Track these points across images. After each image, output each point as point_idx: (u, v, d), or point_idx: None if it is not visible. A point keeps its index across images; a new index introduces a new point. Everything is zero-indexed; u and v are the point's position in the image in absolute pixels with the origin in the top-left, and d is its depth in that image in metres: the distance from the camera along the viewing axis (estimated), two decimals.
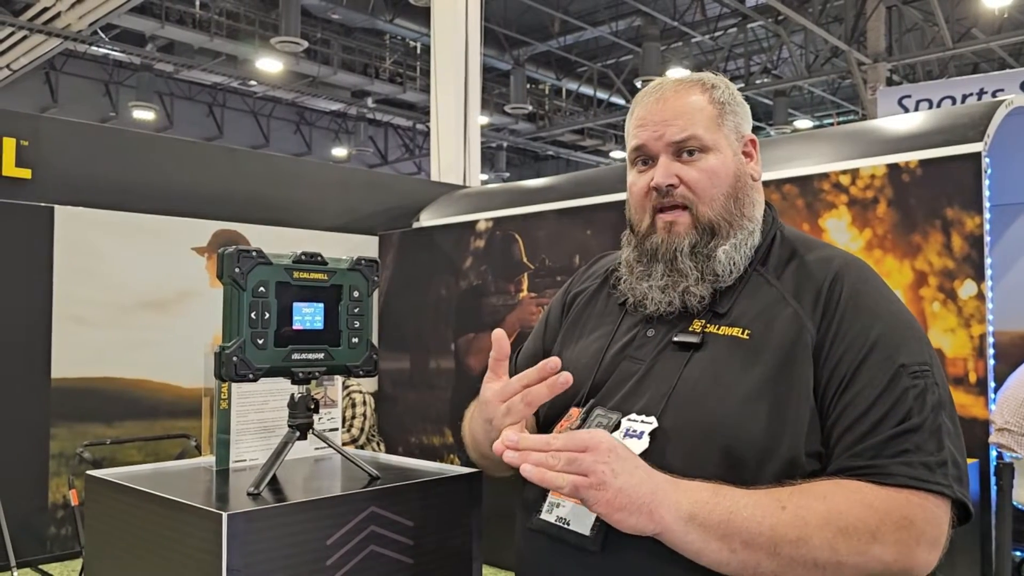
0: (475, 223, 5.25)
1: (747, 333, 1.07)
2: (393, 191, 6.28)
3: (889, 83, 12.19)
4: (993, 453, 3.16)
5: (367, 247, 5.66)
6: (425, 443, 5.39)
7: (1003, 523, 3.05)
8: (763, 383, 1.02)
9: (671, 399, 1.04)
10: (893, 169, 3.44)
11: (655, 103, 1.16)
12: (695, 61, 15.28)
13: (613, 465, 0.92)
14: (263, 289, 1.09)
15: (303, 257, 1.14)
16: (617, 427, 1.07)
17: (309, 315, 1.15)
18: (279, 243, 4.62)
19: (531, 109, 16.00)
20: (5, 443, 4.12)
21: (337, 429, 1.40)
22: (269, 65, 13.67)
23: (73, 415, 4.36)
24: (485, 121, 15.20)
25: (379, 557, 1.10)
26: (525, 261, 4.92)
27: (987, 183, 3.22)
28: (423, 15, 9.93)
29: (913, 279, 3.33)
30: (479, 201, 5.72)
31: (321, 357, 1.15)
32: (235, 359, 1.07)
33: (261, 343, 1.09)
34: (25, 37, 11.10)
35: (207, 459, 1.31)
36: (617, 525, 0.93)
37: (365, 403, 4.77)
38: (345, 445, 4.55)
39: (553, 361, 1.04)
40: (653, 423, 1.04)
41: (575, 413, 1.13)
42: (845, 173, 3.59)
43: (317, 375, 1.15)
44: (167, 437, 4.52)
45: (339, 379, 1.39)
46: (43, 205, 4.36)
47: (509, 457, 0.94)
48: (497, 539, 1.72)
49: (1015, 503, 3.13)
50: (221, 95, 17.02)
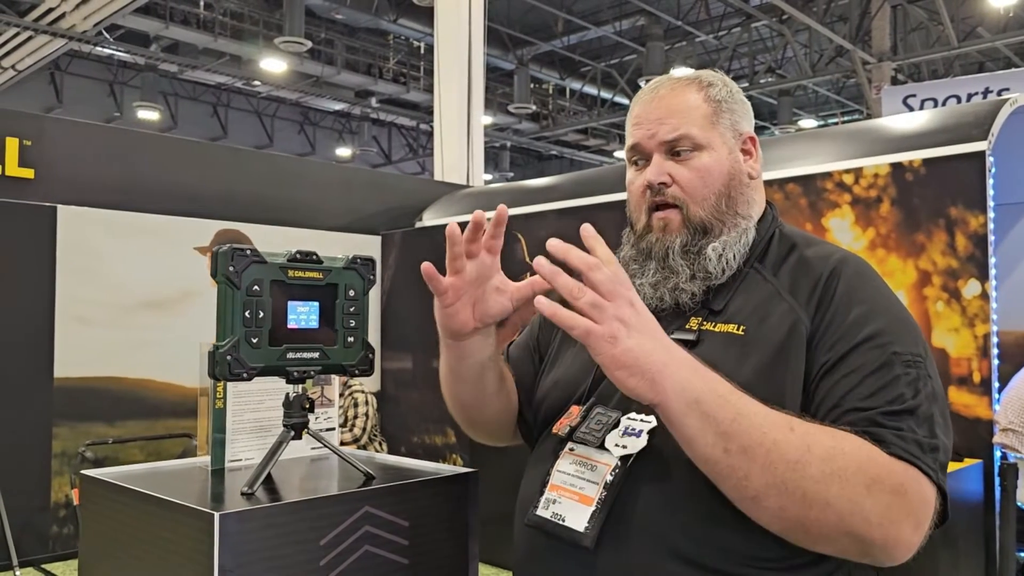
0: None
1: (742, 329, 1.06)
2: (395, 191, 6.28)
3: (894, 82, 12.15)
4: (997, 454, 3.15)
5: (370, 247, 5.66)
6: (428, 443, 5.39)
7: (1007, 524, 3.04)
8: (757, 377, 1.01)
9: None
10: (897, 168, 3.42)
11: (650, 102, 1.17)
12: (699, 61, 15.24)
13: (633, 322, 0.89)
14: (257, 288, 1.09)
15: (298, 256, 1.14)
16: (616, 425, 1.06)
17: (304, 314, 1.14)
18: (281, 243, 4.63)
19: (535, 109, 15.99)
20: (8, 442, 4.13)
21: (334, 429, 1.39)
22: (273, 65, 13.68)
23: (75, 414, 4.37)
24: (489, 121, 15.19)
25: (374, 557, 1.10)
26: (527, 260, 4.92)
27: (991, 182, 3.21)
28: (427, 15, 9.92)
29: (917, 278, 3.32)
30: (481, 200, 5.72)
31: (316, 356, 1.15)
32: (229, 358, 1.06)
33: (255, 342, 1.08)
34: (30, 38, 11.13)
35: (203, 459, 1.30)
36: (618, 384, 0.91)
37: (367, 403, 4.76)
38: (347, 445, 4.50)
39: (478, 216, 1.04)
40: (652, 422, 1.03)
41: (575, 411, 1.13)
42: (848, 172, 3.58)
43: (312, 374, 1.15)
44: (169, 436, 4.53)
45: (336, 378, 1.38)
46: (46, 205, 4.37)
47: (539, 263, 0.90)
48: (496, 538, 1.71)
49: (1019, 503, 3.11)
50: (225, 95, 17.04)
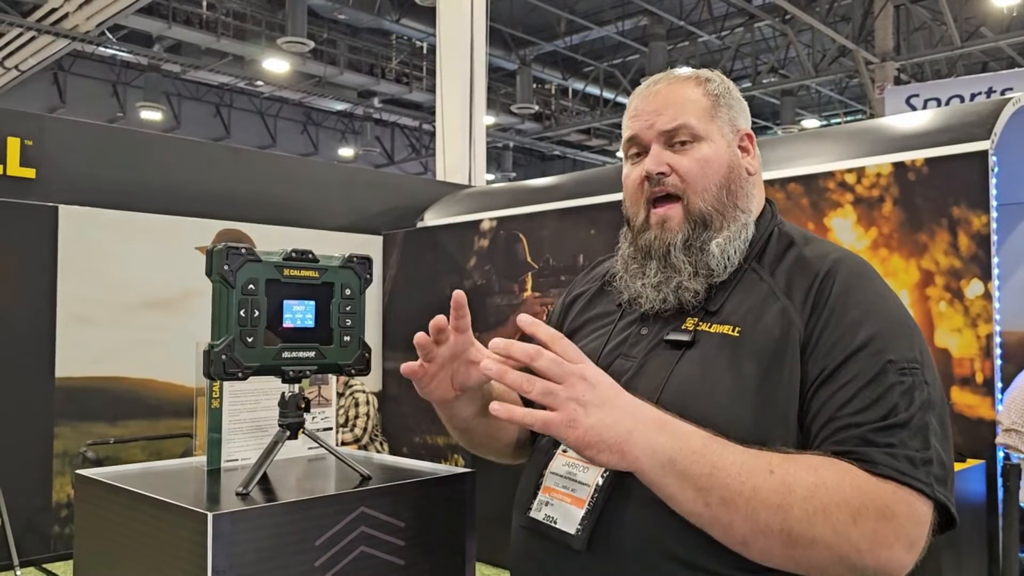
0: (479, 223, 5.24)
1: (737, 330, 1.05)
2: (397, 191, 6.28)
3: (897, 82, 12.13)
4: (1000, 454, 3.13)
5: (371, 247, 5.65)
6: (429, 443, 5.38)
7: (1010, 525, 3.03)
8: (751, 380, 1.00)
9: (660, 398, 1.03)
10: (899, 168, 3.41)
11: (648, 96, 1.16)
12: (701, 60, 15.22)
13: (588, 399, 0.88)
14: (253, 287, 1.08)
15: (293, 254, 1.13)
16: None
17: (300, 313, 1.13)
18: (283, 243, 4.60)
19: (537, 109, 15.97)
20: (9, 442, 4.13)
21: (331, 428, 1.39)
22: (276, 65, 13.69)
23: (77, 414, 4.37)
24: (491, 121, 15.19)
25: (370, 558, 1.09)
26: (529, 260, 4.91)
27: (994, 182, 3.19)
28: (429, 15, 9.93)
29: (919, 278, 3.30)
30: (483, 201, 5.71)
31: (312, 355, 1.14)
32: (224, 357, 1.05)
33: (251, 341, 1.08)
34: (33, 38, 11.14)
35: (199, 458, 1.30)
36: (590, 461, 0.91)
37: (368, 403, 4.76)
38: (348, 445, 4.49)
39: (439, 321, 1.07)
40: None
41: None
42: (851, 172, 3.57)
43: (308, 374, 1.14)
44: (170, 436, 4.53)
45: (333, 378, 1.38)
46: (47, 205, 4.37)
47: (486, 367, 0.90)
48: (496, 538, 1.70)
49: (1022, 504, 3.10)
50: (228, 95, 17.06)
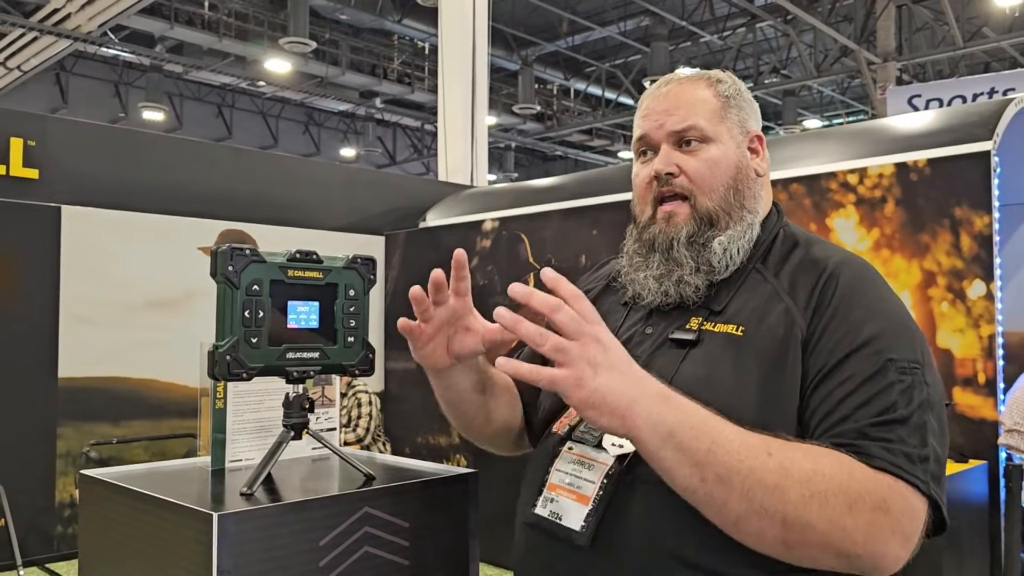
0: (481, 223, 5.24)
1: (741, 330, 1.06)
2: (399, 191, 6.28)
3: (899, 82, 12.12)
4: (1002, 455, 3.13)
5: (373, 247, 5.66)
6: (432, 443, 5.38)
7: (1012, 525, 3.03)
8: (754, 379, 1.01)
9: None
10: (901, 168, 3.41)
11: (660, 95, 1.17)
12: (703, 61, 15.23)
13: (599, 360, 0.88)
14: (257, 287, 1.08)
15: (297, 255, 1.13)
16: None
17: (304, 314, 1.14)
18: (285, 243, 4.61)
19: (539, 109, 15.98)
20: (12, 442, 4.13)
21: (335, 429, 1.39)
22: (278, 66, 13.71)
23: (80, 414, 4.37)
24: (493, 121, 15.20)
25: (374, 558, 1.09)
26: (531, 261, 4.91)
27: (996, 182, 3.19)
28: (431, 15, 9.93)
29: (921, 279, 3.30)
30: (485, 201, 5.72)
31: (316, 356, 1.14)
32: (228, 358, 1.06)
33: (255, 342, 1.08)
34: (35, 38, 11.16)
35: (203, 459, 1.30)
36: (589, 422, 0.91)
37: (371, 403, 4.76)
38: (350, 445, 4.49)
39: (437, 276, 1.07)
40: None
41: (575, 410, 1.12)
42: (853, 172, 3.56)
43: (312, 374, 1.14)
44: (173, 436, 4.53)
45: (337, 378, 1.38)
46: (50, 205, 4.37)
47: (499, 314, 0.89)
48: (499, 539, 1.70)
49: None
50: (230, 96, 17.08)
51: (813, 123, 17.55)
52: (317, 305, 1.15)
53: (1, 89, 12.78)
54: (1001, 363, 3.14)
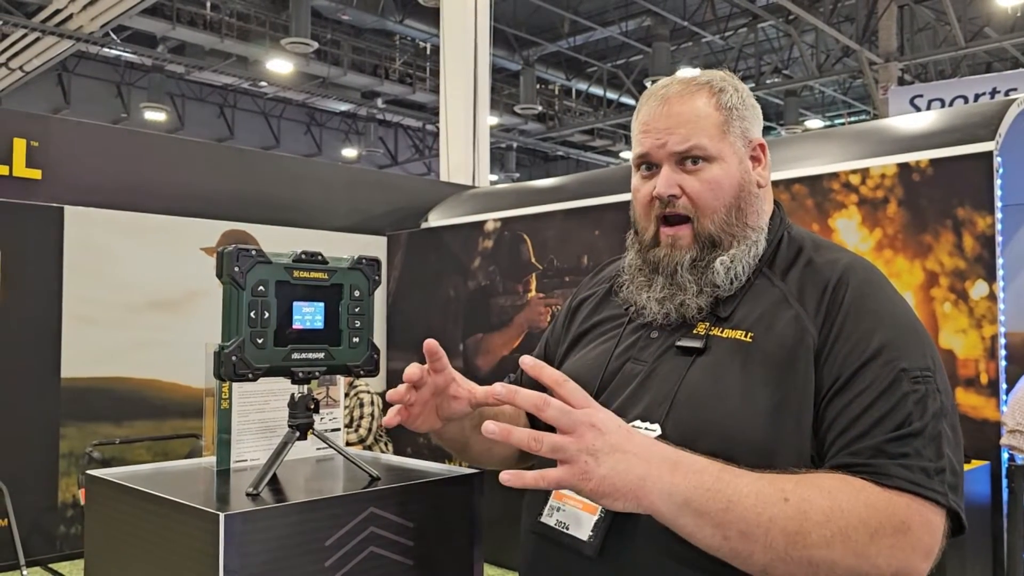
0: (483, 223, 5.25)
1: (750, 336, 1.05)
2: (401, 191, 6.28)
3: (901, 83, 12.12)
4: (1005, 455, 3.13)
5: (375, 247, 5.66)
6: (433, 443, 5.38)
7: (1014, 526, 3.03)
8: (764, 387, 1.00)
9: (673, 405, 1.03)
10: (904, 168, 3.41)
11: (659, 107, 1.14)
12: (705, 61, 15.23)
13: (598, 447, 0.87)
14: (262, 288, 1.08)
15: (303, 256, 1.13)
16: None
17: (309, 314, 1.14)
18: (287, 243, 4.62)
19: (541, 109, 15.99)
20: (15, 442, 4.14)
21: (339, 429, 1.39)
22: (279, 66, 13.72)
23: (83, 415, 4.38)
24: (495, 121, 15.20)
25: (379, 558, 1.09)
26: (533, 261, 4.91)
27: (999, 182, 3.19)
28: (433, 16, 9.93)
29: (924, 279, 3.30)
30: (487, 201, 5.72)
31: (321, 357, 1.14)
32: (234, 359, 1.06)
33: (260, 342, 1.08)
34: (38, 39, 11.18)
35: (208, 459, 1.30)
36: (607, 507, 0.91)
37: (373, 403, 4.76)
38: (353, 445, 4.49)
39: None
40: (656, 430, 1.03)
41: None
42: (855, 172, 3.57)
43: (317, 375, 1.15)
44: (176, 437, 4.54)
45: (341, 379, 1.38)
46: (53, 205, 4.38)
47: (489, 430, 0.87)
48: (503, 539, 1.71)
49: None
50: (232, 96, 17.09)
51: (815, 123, 17.54)
52: (322, 306, 1.15)
53: (4, 90, 12.81)
54: (1003, 363, 3.14)
